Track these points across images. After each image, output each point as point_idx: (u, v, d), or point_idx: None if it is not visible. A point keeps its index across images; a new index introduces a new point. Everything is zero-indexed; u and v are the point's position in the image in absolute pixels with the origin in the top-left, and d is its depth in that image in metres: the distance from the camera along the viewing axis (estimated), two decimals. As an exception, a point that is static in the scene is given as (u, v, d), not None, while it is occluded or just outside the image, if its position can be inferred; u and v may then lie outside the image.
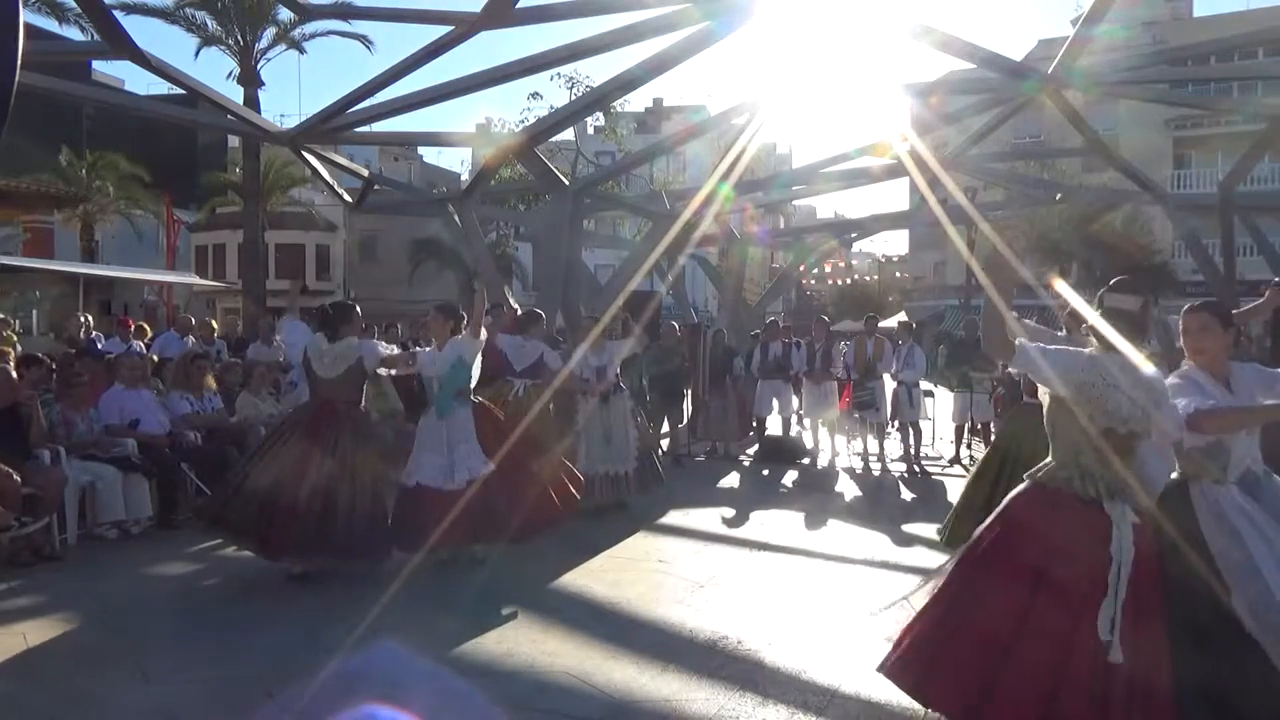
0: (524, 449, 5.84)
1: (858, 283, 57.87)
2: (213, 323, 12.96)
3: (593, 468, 7.27)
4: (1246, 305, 4.78)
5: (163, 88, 24.19)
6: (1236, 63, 23.39)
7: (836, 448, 10.91)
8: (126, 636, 4.56)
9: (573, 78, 23.07)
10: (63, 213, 22.50)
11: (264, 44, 23.02)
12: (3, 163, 16.15)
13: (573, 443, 7.20)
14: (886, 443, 10.56)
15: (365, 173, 15.23)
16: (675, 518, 7.50)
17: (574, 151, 24.83)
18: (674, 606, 5.06)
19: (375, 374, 6.02)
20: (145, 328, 11.76)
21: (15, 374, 6.33)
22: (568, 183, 14.06)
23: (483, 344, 5.84)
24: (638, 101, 46.57)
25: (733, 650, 4.37)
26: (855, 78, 13.27)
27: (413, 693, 3.63)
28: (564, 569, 5.76)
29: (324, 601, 5.10)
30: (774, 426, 11.64)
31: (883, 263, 60.89)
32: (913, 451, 10.24)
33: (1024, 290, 3.97)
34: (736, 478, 9.82)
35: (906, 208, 28.50)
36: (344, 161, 14.55)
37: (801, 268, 25.74)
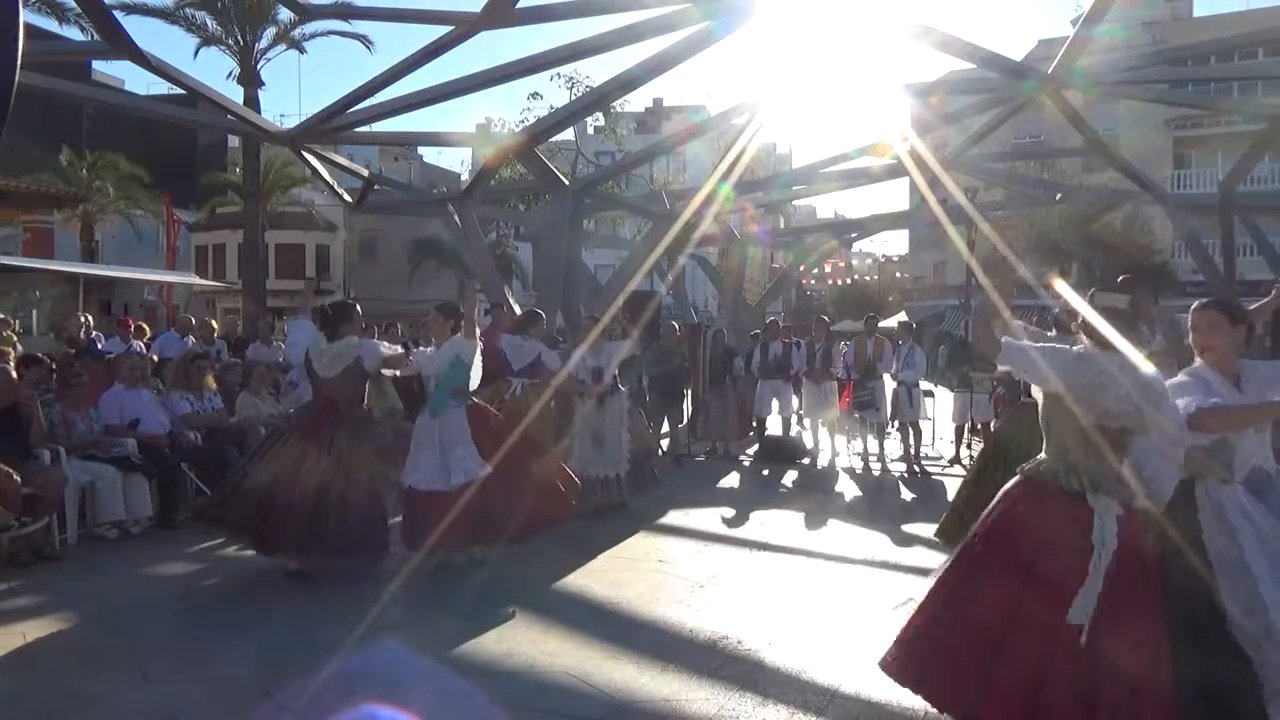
0: (522, 449, 5.82)
1: (858, 283, 57.98)
2: (213, 323, 12.95)
3: (583, 469, 7.10)
4: (1249, 305, 4.77)
5: (163, 88, 24.20)
6: (1236, 63, 23.39)
7: (836, 448, 10.91)
8: (126, 636, 4.57)
9: (573, 78, 23.16)
10: (63, 213, 22.52)
11: (264, 44, 23.09)
12: (3, 163, 16.17)
13: (569, 444, 7.18)
14: (886, 443, 10.55)
15: (365, 173, 15.20)
16: (675, 518, 7.50)
17: (574, 151, 24.88)
18: (674, 606, 5.06)
19: (377, 373, 6.01)
20: (145, 328, 11.74)
21: (15, 374, 6.34)
22: (568, 183, 14.06)
23: (479, 344, 5.83)
24: (638, 101, 46.76)
25: (733, 650, 4.37)
26: (855, 78, 13.24)
27: (413, 693, 3.63)
28: (564, 569, 5.76)
29: (323, 601, 5.10)
30: (774, 426, 11.63)
31: (883, 263, 60.98)
32: (913, 451, 10.24)
33: (1024, 290, 3.97)
34: (736, 478, 9.81)
35: (906, 208, 28.50)
36: (344, 161, 14.53)
37: (801, 268, 25.75)
